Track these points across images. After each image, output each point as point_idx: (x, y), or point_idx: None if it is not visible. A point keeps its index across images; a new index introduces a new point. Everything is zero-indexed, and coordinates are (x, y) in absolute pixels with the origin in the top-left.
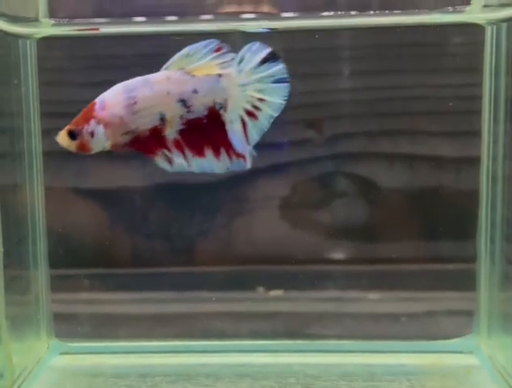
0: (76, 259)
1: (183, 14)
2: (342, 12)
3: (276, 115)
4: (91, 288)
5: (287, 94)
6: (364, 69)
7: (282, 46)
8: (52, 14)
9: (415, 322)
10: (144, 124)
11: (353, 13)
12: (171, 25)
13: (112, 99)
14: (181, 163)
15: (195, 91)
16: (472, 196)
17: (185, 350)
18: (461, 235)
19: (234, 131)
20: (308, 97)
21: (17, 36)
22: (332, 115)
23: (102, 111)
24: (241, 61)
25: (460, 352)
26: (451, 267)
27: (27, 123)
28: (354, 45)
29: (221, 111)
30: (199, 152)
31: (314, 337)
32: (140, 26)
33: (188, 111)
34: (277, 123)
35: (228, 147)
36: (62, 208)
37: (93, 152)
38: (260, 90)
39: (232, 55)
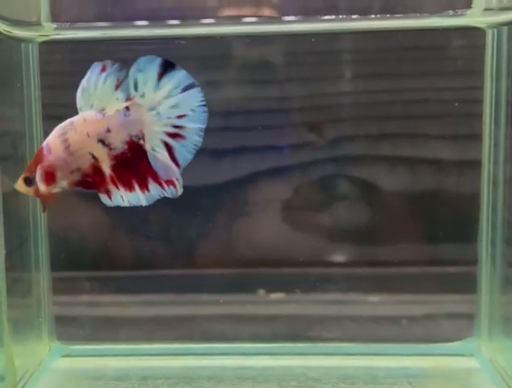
0: (77, 262)
1: (185, 18)
2: (344, 16)
3: (203, 125)
4: (92, 290)
5: (202, 98)
6: (365, 73)
7: (283, 49)
8: (54, 18)
9: (416, 325)
10: (83, 163)
11: (354, 17)
12: (173, 29)
13: (54, 143)
14: (118, 198)
15: (109, 130)
16: (473, 199)
17: (186, 353)
18: (462, 238)
19: (157, 159)
20: (309, 100)
21: (19, 40)
22: (333, 119)
23: (49, 155)
24: (136, 85)
25: (461, 355)
26: (451, 270)
27: (29, 126)
28: (355, 49)
29: (141, 142)
30: (130, 186)
31: (315, 340)
32: (141, 30)
33: (110, 149)
34: (278, 126)
35: (155, 176)
36: (64, 211)
37: (52, 193)
38: (173, 106)
39: (123, 73)
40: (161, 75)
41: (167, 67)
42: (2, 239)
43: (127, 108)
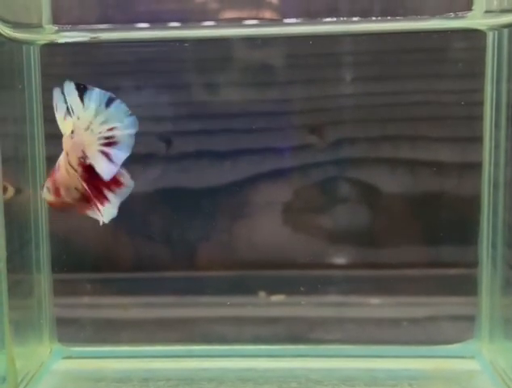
0: (78, 264)
1: (186, 21)
2: (344, 18)
3: (134, 130)
4: (93, 292)
5: (126, 108)
6: (366, 75)
7: (284, 52)
8: (55, 20)
9: (417, 327)
10: (76, 184)
11: (355, 19)
12: (174, 31)
13: (61, 160)
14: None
15: (67, 154)
16: (474, 202)
17: (187, 354)
18: (462, 240)
19: (100, 167)
20: (311, 102)
21: (21, 42)
22: (334, 121)
23: (57, 173)
24: (71, 109)
25: (462, 357)
26: (452, 272)
27: (31, 128)
28: (356, 51)
29: (87, 162)
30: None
31: (316, 342)
32: (142, 32)
33: (77, 171)
34: (279, 128)
35: (109, 185)
36: (65, 213)
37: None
38: (103, 122)
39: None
40: (81, 97)
41: (81, 89)
42: (3, 241)
43: (72, 132)
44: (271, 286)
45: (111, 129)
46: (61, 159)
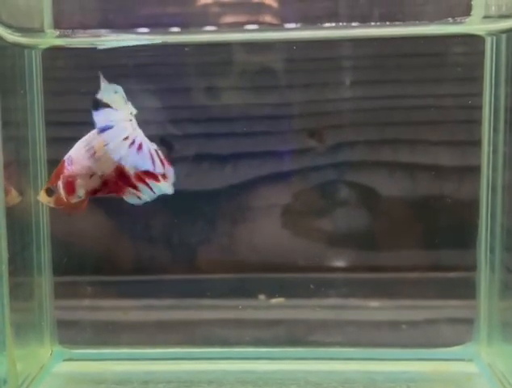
0: (79, 267)
1: (186, 26)
2: (344, 23)
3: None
4: (94, 295)
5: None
6: (365, 79)
7: (284, 56)
8: (57, 25)
9: (416, 330)
10: (108, 167)
11: (354, 24)
12: (174, 36)
13: (77, 154)
14: (148, 192)
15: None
16: (472, 206)
17: (187, 357)
18: (461, 244)
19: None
20: (310, 106)
21: (22, 47)
22: (333, 125)
23: (70, 166)
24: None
25: (460, 360)
26: (451, 275)
27: (32, 131)
28: (356, 55)
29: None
30: (155, 177)
31: (316, 344)
32: (143, 36)
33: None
34: (279, 132)
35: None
36: (66, 216)
37: (72, 202)
38: None
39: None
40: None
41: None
42: (5, 244)
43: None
44: (271, 289)
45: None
46: (78, 152)
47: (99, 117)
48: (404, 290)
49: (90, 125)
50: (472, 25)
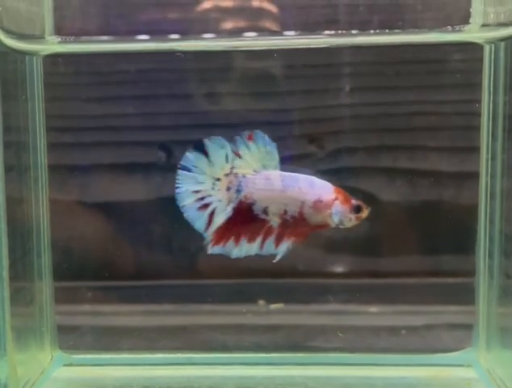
0: (80, 272)
1: (186, 31)
2: (344, 31)
3: None
4: (94, 300)
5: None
6: (365, 86)
7: (283, 63)
8: (58, 31)
9: (415, 336)
10: None
11: (354, 32)
12: (174, 43)
13: None
14: None
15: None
16: (471, 211)
17: (187, 362)
18: (460, 250)
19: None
20: (310, 112)
21: (24, 53)
22: (333, 131)
23: None
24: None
25: (459, 366)
26: (450, 281)
27: (33, 137)
28: (355, 62)
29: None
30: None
31: (315, 350)
32: (143, 43)
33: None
34: (279, 138)
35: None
36: (67, 222)
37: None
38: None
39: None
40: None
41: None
42: (6, 249)
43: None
44: (271, 294)
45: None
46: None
47: None
48: (404, 296)
49: (91, 131)
50: (471, 33)
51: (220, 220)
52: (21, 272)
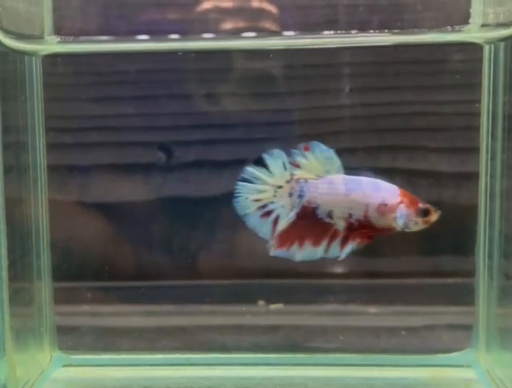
0: (79, 272)
1: (186, 31)
2: (343, 31)
3: None
4: (94, 300)
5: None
6: (364, 86)
7: (283, 63)
8: (57, 31)
9: (415, 336)
10: None
11: (353, 32)
12: (174, 43)
13: None
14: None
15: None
16: (471, 212)
17: (186, 363)
18: (460, 250)
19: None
20: (309, 113)
21: (23, 53)
22: (332, 131)
23: None
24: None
25: (459, 366)
26: (449, 281)
27: (32, 137)
28: (354, 62)
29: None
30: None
31: (315, 350)
32: (143, 43)
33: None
34: (279, 138)
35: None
36: (66, 222)
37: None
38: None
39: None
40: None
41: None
42: (5, 250)
43: None
44: (270, 295)
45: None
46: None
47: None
48: (403, 296)
49: (90, 131)
50: (471, 33)
51: (283, 225)
52: (20, 272)
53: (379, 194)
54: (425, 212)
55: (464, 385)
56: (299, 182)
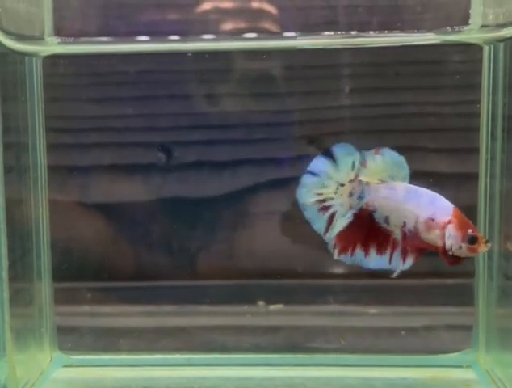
0: (79, 273)
1: (186, 32)
2: (343, 32)
3: None
4: (94, 301)
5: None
6: (364, 87)
7: (283, 64)
8: (57, 32)
9: (415, 337)
10: None
11: (353, 33)
12: (174, 44)
13: None
14: None
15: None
16: (470, 212)
17: (186, 363)
18: None
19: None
20: (310, 113)
21: (23, 54)
22: (332, 132)
23: None
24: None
25: (459, 367)
26: (449, 282)
27: (33, 138)
28: (355, 63)
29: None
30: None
31: (315, 351)
32: (143, 44)
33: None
34: (279, 139)
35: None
36: (66, 223)
37: None
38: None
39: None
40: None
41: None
42: (5, 250)
43: None
44: (270, 295)
45: None
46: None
47: None
48: (403, 297)
49: (91, 131)
50: (470, 34)
51: (340, 224)
52: (20, 272)
53: (432, 208)
54: (472, 240)
55: (464, 386)
56: (361, 183)
